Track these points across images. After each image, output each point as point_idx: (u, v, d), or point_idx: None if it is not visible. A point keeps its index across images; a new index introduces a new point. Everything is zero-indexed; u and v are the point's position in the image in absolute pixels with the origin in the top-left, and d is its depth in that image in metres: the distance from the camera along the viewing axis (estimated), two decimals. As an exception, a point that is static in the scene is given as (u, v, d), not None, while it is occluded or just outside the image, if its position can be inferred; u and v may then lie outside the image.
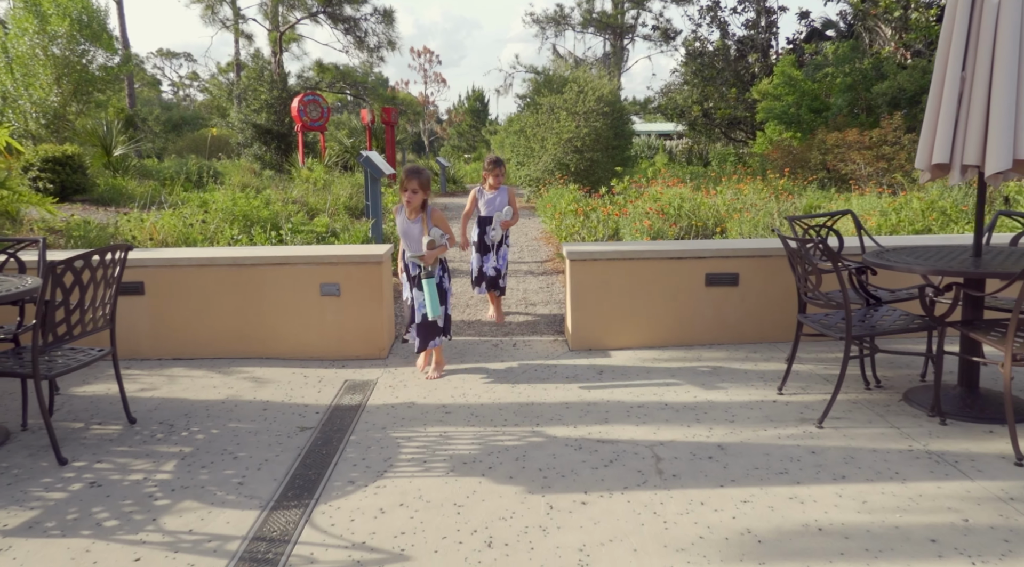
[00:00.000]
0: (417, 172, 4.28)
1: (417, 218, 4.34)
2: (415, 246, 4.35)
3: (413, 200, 4.26)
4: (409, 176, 4.26)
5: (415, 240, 4.35)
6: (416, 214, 4.34)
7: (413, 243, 4.36)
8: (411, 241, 4.37)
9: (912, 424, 3.64)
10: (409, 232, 4.36)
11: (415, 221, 4.35)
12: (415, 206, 4.29)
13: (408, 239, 4.38)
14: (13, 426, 3.87)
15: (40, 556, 2.62)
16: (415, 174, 4.27)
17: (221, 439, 3.68)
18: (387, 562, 2.56)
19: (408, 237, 4.38)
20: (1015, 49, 3.27)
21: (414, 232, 4.34)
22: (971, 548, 2.53)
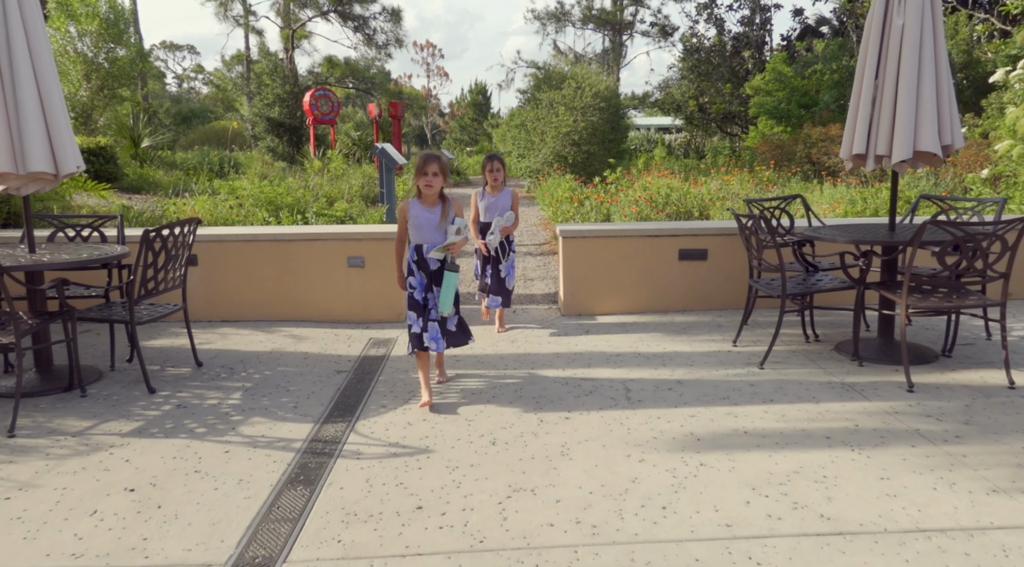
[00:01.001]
0: (435, 156, 3.88)
1: (436, 207, 3.89)
2: (435, 237, 3.89)
3: (434, 184, 3.82)
4: (428, 160, 3.84)
5: (435, 231, 3.89)
6: (435, 203, 3.91)
7: (432, 234, 3.89)
8: (429, 232, 3.89)
9: (836, 366, 4.47)
10: (427, 223, 3.88)
11: (433, 211, 3.89)
12: (434, 193, 3.87)
13: (425, 231, 3.89)
14: (103, 368, 4.72)
15: (153, 450, 3.47)
16: (434, 158, 3.85)
17: (273, 378, 4.52)
18: (416, 453, 3.40)
19: (425, 228, 3.89)
20: (914, 63, 4.08)
21: (432, 222, 3.88)
22: (854, 442, 3.37)
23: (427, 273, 3.97)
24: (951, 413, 3.69)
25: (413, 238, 3.97)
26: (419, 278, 3.99)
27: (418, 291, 3.99)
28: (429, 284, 3.97)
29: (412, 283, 3.99)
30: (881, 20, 4.22)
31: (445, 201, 3.94)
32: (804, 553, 2.49)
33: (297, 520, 2.81)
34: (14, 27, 3.87)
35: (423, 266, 3.97)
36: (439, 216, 3.90)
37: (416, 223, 3.91)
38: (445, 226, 3.89)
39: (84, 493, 3.04)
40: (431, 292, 3.97)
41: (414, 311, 3.97)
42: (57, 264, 3.98)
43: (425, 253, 3.93)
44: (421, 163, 3.88)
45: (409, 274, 4.01)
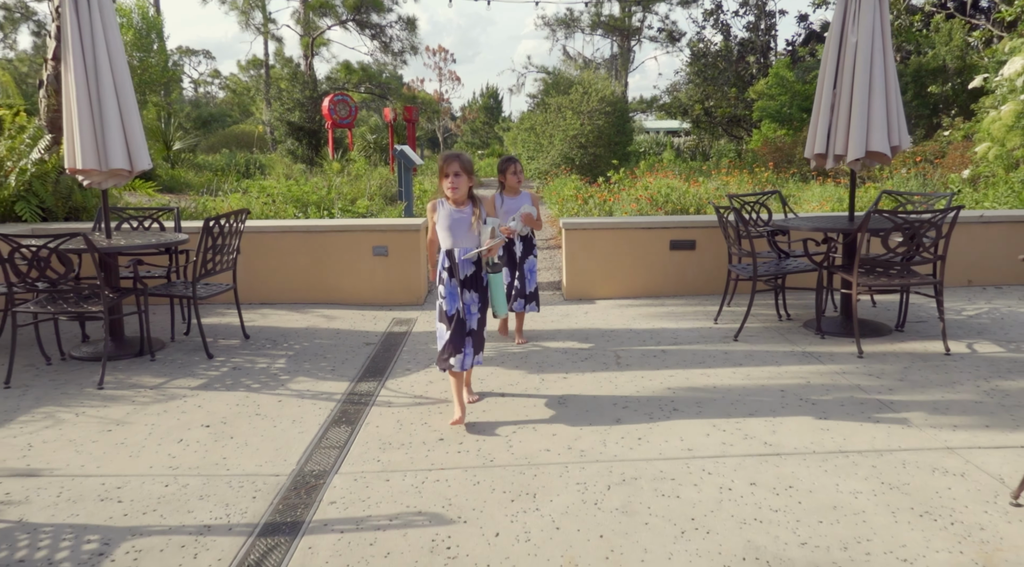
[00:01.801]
0: (455, 155, 3.62)
1: (466, 208, 3.62)
2: (468, 240, 3.64)
3: (458, 185, 3.56)
4: (448, 160, 3.59)
5: (467, 233, 3.63)
6: (464, 204, 3.63)
7: (465, 237, 3.63)
8: (461, 235, 3.63)
9: (801, 339, 5.12)
10: (458, 225, 3.61)
11: (463, 212, 3.62)
12: (461, 194, 3.59)
13: (456, 233, 3.62)
14: (165, 339, 5.43)
15: (219, 399, 4.17)
16: (454, 157, 3.60)
17: (311, 348, 5.22)
18: (437, 403, 4.08)
19: (457, 231, 3.62)
20: (866, 75, 4.73)
21: (464, 224, 3.61)
22: (803, 393, 4.02)
23: (459, 280, 3.65)
24: (890, 373, 4.33)
25: (444, 242, 3.66)
26: (450, 287, 3.66)
27: (448, 301, 3.66)
28: (461, 292, 3.66)
29: (442, 292, 3.67)
30: (838, 37, 4.87)
31: (476, 201, 3.66)
32: (747, 466, 3.15)
33: (343, 447, 3.49)
34: (100, 48, 4.60)
35: (455, 272, 3.65)
36: (470, 216, 3.60)
37: (446, 225, 3.62)
38: (478, 227, 3.61)
39: (169, 427, 3.74)
40: (465, 301, 3.66)
41: (443, 323, 3.68)
42: (138, 246, 4.70)
43: (459, 257, 3.63)
44: (442, 163, 3.63)
45: (439, 283, 3.69)
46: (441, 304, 3.70)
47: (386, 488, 3.05)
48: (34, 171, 6.70)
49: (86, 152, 4.62)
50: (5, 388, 4.37)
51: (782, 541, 2.57)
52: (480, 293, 3.71)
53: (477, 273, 3.70)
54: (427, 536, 2.66)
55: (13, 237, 4.16)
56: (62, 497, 3.01)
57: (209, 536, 2.69)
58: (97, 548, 2.62)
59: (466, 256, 3.65)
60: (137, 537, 2.69)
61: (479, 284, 3.70)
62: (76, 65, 4.53)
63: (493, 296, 3.70)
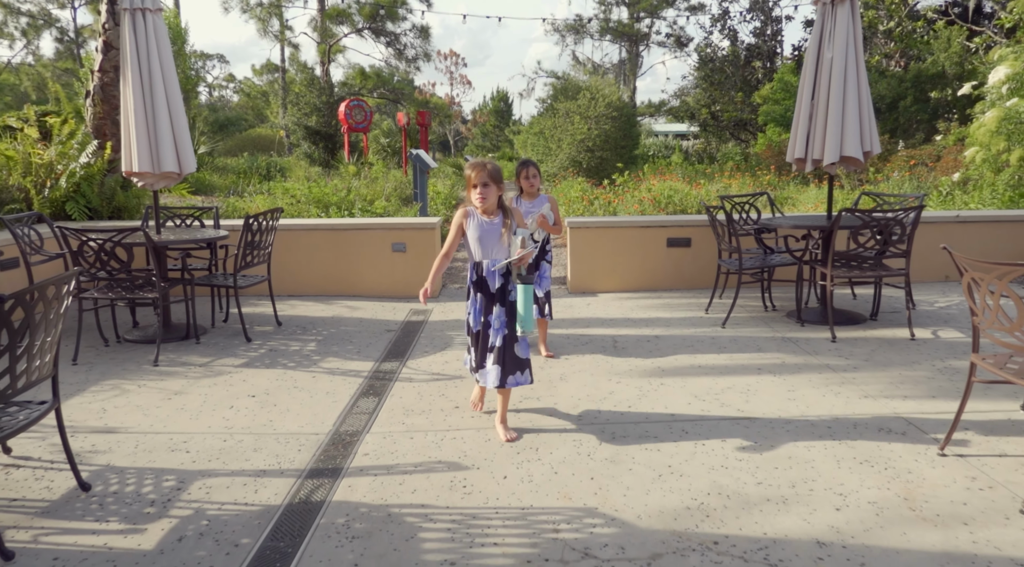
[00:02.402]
0: (482, 164, 3.50)
1: (497, 218, 3.52)
2: (499, 251, 3.52)
3: (488, 195, 3.45)
4: (476, 169, 3.48)
5: (498, 244, 3.52)
6: (495, 213, 3.53)
7: (496, 248, 3.52)
8: (492, 246, 3.52)
9: (782, 326, 5.62)
10: (489, 236, 3.51)
11: (494, 222, 3.51)
12: (491, 204, 3.49)
13: (487, 244, 3.52)
14: (206, 325, 6.01)
15: (260, 375, 4.72)
16: (480, 166, 3.48)
17: (338, 334, 5.77)
18: (452, 378, 4.61)
19: (487, 242, 3.51)
20: (840, 87, 5.23)
21: (495, 235, 3.50)
22: (777, 371, 4.53)
23: (487, 294, 3.54)
24: (858, 355, 4.83)
25: (473, 254, 3.57)
26: (477, 301, 3.57)
27: (474, 316, 3.58)
28: (488, 306, 3.54)
29: (468, 307, 3.62)
30: (815, 53, 5.38)
31: (506, 211, 3.54)
32: (721, 428, 3.67)
33: (372, 413, 4.04)
34: (154, 64, 5.17)
35: (483, 286, 3.55)
36: (501, 227, 3.49)
37: (476, 236, 3.50)
38: (508, 238, 3.50)
39: (220, 397, 4.30)
40: (491, 316, 3.54)
41: (469, 338, 3.65)
42: (187, 241, 5.28)
43: (488, 270, 3.53)
44: (469, 173, 3.50)
45: (467, 296, 3.64)
46: (467, 319, 3.65)
47: (410, 444, 3.59)
48: (82, 174, 7.30)
49: (142, 157, 5.20)
50: (73, 365, 4.94)
51: (742, 481, 3.08)
52: (507, 307, 3.53)
53: (504, 286, 3.53)
54: (446, 478, 3.20)
55: (82, 232, 4.74)
56: (138, 448, 3.57)
57: (265, 478, 3.24)
58: (175, 485, 3.17)
59: (496, 267, 3.51)
60: (206, 478, 3.24)
61: (505, 298, 3.53)
62: (133, 79, 5.10)
63: (520, 308, 3.43)
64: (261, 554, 2.62)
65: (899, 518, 2.74)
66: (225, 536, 2.73)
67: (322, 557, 2.59)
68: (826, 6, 5.30)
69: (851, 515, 2.78)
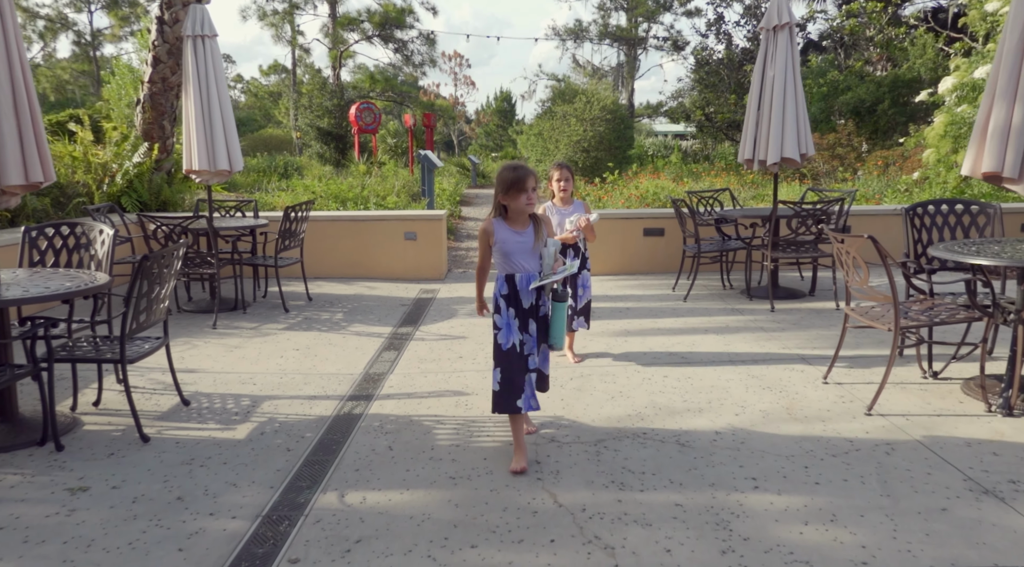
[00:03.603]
0: (532, 171, 3.23)
1: (527, 228, 3.27)
2: (530, 263, 3.28)
3: (533, 201, 3.22)
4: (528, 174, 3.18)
5: (529, 256, 3.27)
6: (525, 223, 3.28)
7: (526, 260, 3.27)
8: (522, 258, 3.27)
9: (734, 300, 6.69)
10: (518, 248, 3.26)
11: (524, 233, 3.26)
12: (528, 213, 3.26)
13: (517, 257, 3.27)
14: (249, 299, 7.09)
15: (300, 335, 5.80)
16: (530, 173, 3.20)
17: (360, 307, 6.85)
18: (457, 338, 5.68)
19: (517, 254, 3.26)
20: (780, 101, 6.28)
21: (525, 247, 3.26)
22: (720, 330, 5.59)
23: (519, 309, 3.28)
24: (788, 320, 5.89)
25: (501, 267, 3.31)
26: (508, 317, 3.28)
27: (504, 333, 3.28)
28: (523, 323, 3.28)
29: (497, 322, 3.32)
30: (760, 71, 6.43)
31: (536, 220, 3.30)
32: (665, 369, 4.72)
33: (393, 361, 5.11)
34: (210, 78, 6.25)
35: (515, 301, 3.28)
36: (531, 238, 3.25)
37: (505, 248, 3.25)
38: (539, 249, 3.28)
39: (272, 350, 5.38)
40: (526, 333, 3.28)
41: (499, 363, 3.29)
42: (237, 227, 6.36)
43: (526, 286, 3.26)
44: (522, 176, 3.16)
45: (495, 311, 3.33)
46: (496, 336, 3.30)
47: (425, 380, 4.66)
48: (134, 172, 8.40)
49: (200, 157, 6.28)
50: (146, 327, 6.03)
51: (672, 400, 4.15)
52: (539, 323, 3.31)
53: (537, 301, 3.29)
54: (453, 400, 4.26)
55: (157, 217, 5.82)
56: (216, 382, 4.65)
57: (316, 400, 4.31)
58: (250, 404, 4.25)
59: (534, 285, 3.24)
60: (271, 400, 4.32)
61: (538, 312, 3.30)
62: (194, 93, 6.18)
63: (554, 326, 3.26)
64: (322, 442, 3.69)
65: (778, 419, 3.81)
66: (293, 432, 3.80)
67: (365, 443, 3.66)
68: (768, 33, 6.36)
69: (745, 418, 3.84)
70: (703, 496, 3.00)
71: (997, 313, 3.86)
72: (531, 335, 3.31)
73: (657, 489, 3.08)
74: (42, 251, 4.45)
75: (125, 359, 3.60)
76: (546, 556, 2.59)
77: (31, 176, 3.54)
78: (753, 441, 3.54)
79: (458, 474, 3.27)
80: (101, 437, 3.74)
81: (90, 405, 4.19)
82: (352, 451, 3.55)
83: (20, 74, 3.48)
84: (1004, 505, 2.84)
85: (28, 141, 3.50)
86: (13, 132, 3.43)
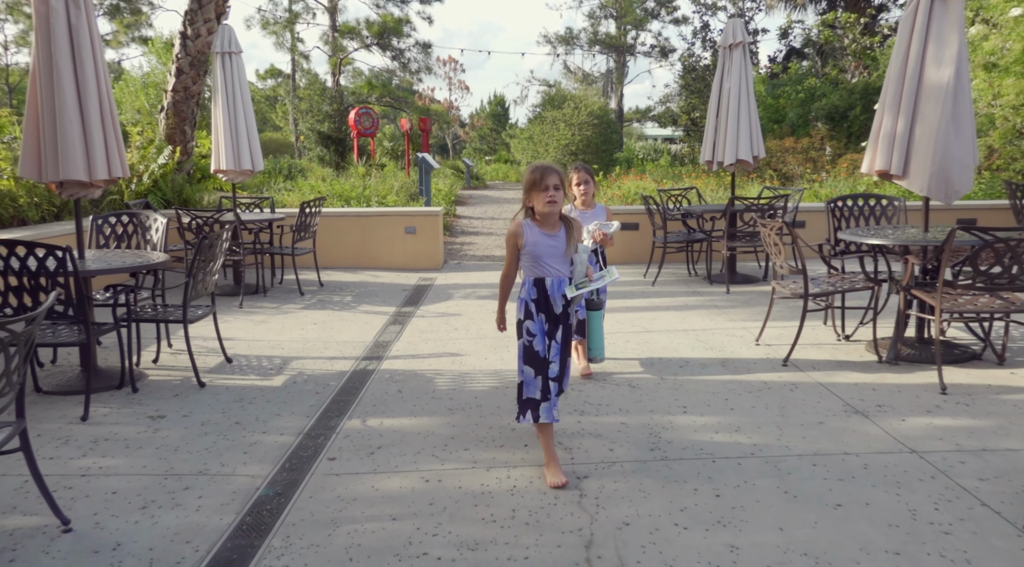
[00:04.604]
0: (554, 169, 3.12)
1: (559, 231, 3.16)
2: (561, 268, 3.18)
3: (557, 199, 3.07)
4: (547, 172, 3.08)
5: (560, 261, 3.17)
6: (556, 226, 3.16)
7: (558, 264, 3.17)
8: (553, 263, 3.16)
9: (696, 285, 7.60)
10: (549, 251, 3.15)
11: (556, 236, 3.15)
12: (557, 213, 3.13)
13: (547, 261, 3.16)
14: (268, 285, 7.96)
15: (317, 313, 6.67)
16: (553, 171, 3.10)
17: (367, 291, 7.73)
18: (453, 315, 6.56)
19: (548, 258, 3.16)
20: (735, 110, 7.19)
21: (557, 250, 3.16)
22: (679, 308, 6.50)
23: (550, 315, 3.17)
24: (740, 300, 6.80)
25: (531, 271, 3.18)
26: (540, 323, 3.17)
27: (539, 339, 3.16)
28: (552, 329, 3.17)
29: (531, 329, 3.18)
30: (719, 84, 7.35)
31: (568, 223, 3.17)
32: (629, 337, 5.62)
33: (398, 333, 5.99)
34: (237, 90, 7.13)
35: (545, 306, 3.17)
36: (564, 242, 3.14)
37: (536, 252, 3.13)
38: (571, 254, 3.18)
39: (292, 324, 6.25)
40: (553, 341, 3.17)
41: (531, 367, 3.17)
42: (260, 220, 7.24)
43: (556, 291, 3.15)
44: (540, 176, 3.07)
45: (526, 317, 3.19)
46: (531, 344, 3.17)
47: (426, 346, 5.54)
48: (159, 173, 9.26)
49: (228, 158, 7.15)
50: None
51: (625, 352, 5.05)
52: (565, 332, 3.22)
53: (565, 308, 3.20)
54: (450, 359, 5.15)
55: (191, 211, 6.70)
56: (250, 346, 5.52)
57: (335, 360, 5.18)
58: (280, 362, 5.12)
59: (574, 294, 3.14)
60: (299, 360, 5.19)
61: (567, 319, 3.22)
62: (223, 102, 7.06)
63: (592, 336, 3.12)
64: (343, 388, 4.56)
65: (714, 370, 4.70)
66: (320, 382, 4.68)
67: (379, 389, 4.54)
68: (725, 50, 7.28)
69: (687, 369, 4.74)
70: (643, 418, 3.90)
71: (891, 284, 4.77)
72: (557, 342, 3.18)
73: (608, 415, 3.97)
74: (106, 236, 5.32)
75: (187, 319, 4.48)
76: (520, 453, 3.48)
77: (112, 172, 4.41)
78: (690, 384, 4.43)
79: (454, 408, 4.15)
80: (164, 384, 4.61)
81: (150, 362, 5.07)
82: (369, 393, 4.43)
83: (105, 91, 4.36)
84: (867, 420, 3.75)
85: (111, 144, 4.38)
86: (99, 136, 4.30)
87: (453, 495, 3.06)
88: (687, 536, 2.66)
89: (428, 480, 3.21)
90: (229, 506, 2.99)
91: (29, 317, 2.50)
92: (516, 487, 3.12)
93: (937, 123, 4.30)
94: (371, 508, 2.96)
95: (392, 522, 2.84)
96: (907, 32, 4.47)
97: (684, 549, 2.58)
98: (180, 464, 3.41)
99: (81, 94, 4.21)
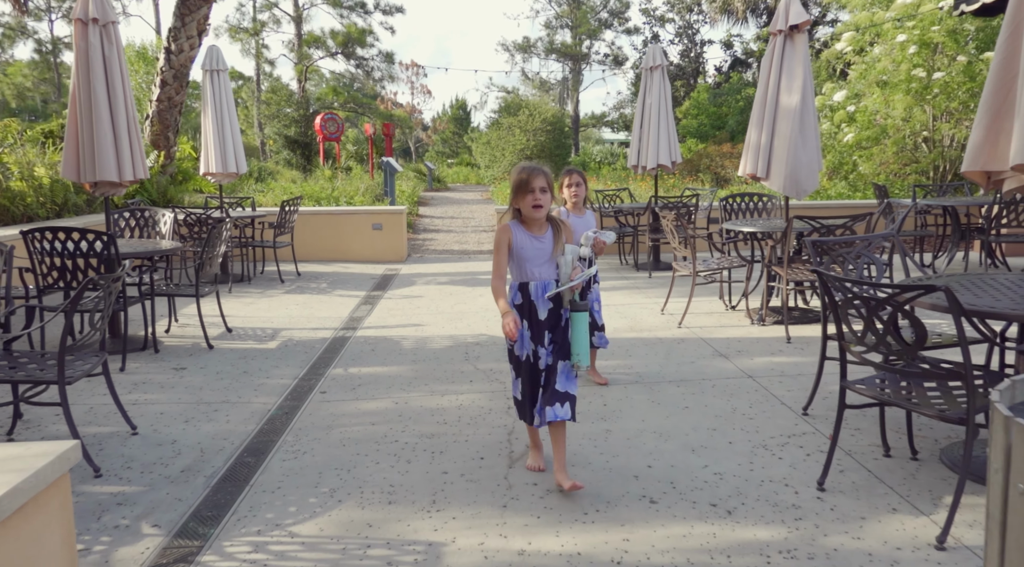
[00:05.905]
0: (541, 170, 3.04)
1: (546, 233, 3.09)
2: (546, 271, 3.09)
3: (543, 202, 3.00)
4: (533, 174, 3.00)
5: (546, 264, 3.09)
6: (543, 228, 3.09)
7: (543, 268, 3.09)
8: (538, 266, 3.09)
9: (625, 272, 8.86)
10: (536, 254, 3.08)
11: (542, 238, 3.08)
12: (544, 216, 3.06)
13: (533, 264, 3.08)
14: (251, 275, 8.97)
15: (298, 296, 7.73)
16: (539, 172, 3.02)
17: (339, 280, 8.79)
18: (417, 297, 7.68)
19: (534, 261, 3.08)
20: (656, 120, 8.46)
21: (543, 253, 3.08)
22: (608, 289, 7.72)
23: (534, 320, 3.10)
24: (659, 283, 8.07)
25: (516, 273, 3.15)
26: (521, 329, 3.10)
27: (519, 344, 3.12)
28: (537, 334, 3.10)
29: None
30: (642, 100, 8.62)
31: (555, 225, 3.12)
32: (560, 310, 6.82)
33: (369, 311, 7.08)
34: (223, 101, 8.14)
35: (528, 311, 3.11)
36: (550, 244, 3.09)
37: (521, 254, 3.08)
38: (557, 257, 3.10)
39: (277, 304, 7.30)
40: (540, 346, 3.09)
41: (513, 368, 3.20)
42: (248, 216, 8.25)
43: (541, 295, 3.09)
44: (525, 178, 3.03)
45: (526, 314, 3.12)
46: (511, 347, 3.17)
47: (393, 319, 6.66)
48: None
49: (216, 161, 8.16)
50: (177, 292, 7.88)
51: (559, 324, 6.24)
52: (558, 335, 3.10)
53: (556, 311, 3.10)
54: (412, 329, 6.27)
55: (185, 208, 7.69)
56: (244, 321, 6.57)
57: (317, 330, 6.26)
58: (272, 332, 6.19)
59: (549, 294, 3.07)
60: (287, 330, 6.26)
61: (558, 324, 3.10)
62: (212, 114, 8.07)
63: (575, 340, 3.03)
64: (327, 348, 5.65)
65: (624, 332, 5.92)
66: (307, 346, 5.76)
67: (356, 349, 5.63)
68: (647, 71, 8.56)
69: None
70: (562, 363, 5.08)
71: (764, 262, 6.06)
72: (546, 348, 3.08)
73: (536, 361, 5.15)
74: (121, 228, 6.31)
75: (199, 293, 5.53)
76: (467, 386, 4.63)
77: (137, 174, 5.43)
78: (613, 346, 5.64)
79: (416, 360, 5.28)
80: (179, 348, 5.65)
81: (163, 333, 6.09)
82: (348, 352, 5.53)
83: (131, 108, 5.39)
84: (726, 359, 5.00)
85: (136, 151, 5.40)
86: (127, 145, 5.32)
87: (416, 410, 4.20)
88: (578, 427, 3.85)
89: (397, 402, 4.34)
90: (251, 420, 4.08)
91: (115, 276, 3.56)
92: (462, 405, 4.27)
93: (789, 136, 5.58)
94: (356, 419, 4.08)
95: (372, 426, 3.97)
96: (767, 66, 5.75)
97: (575, 433, 3.77)
98: (207, 397, 4.48)
99: (113, 111, 5.23)
